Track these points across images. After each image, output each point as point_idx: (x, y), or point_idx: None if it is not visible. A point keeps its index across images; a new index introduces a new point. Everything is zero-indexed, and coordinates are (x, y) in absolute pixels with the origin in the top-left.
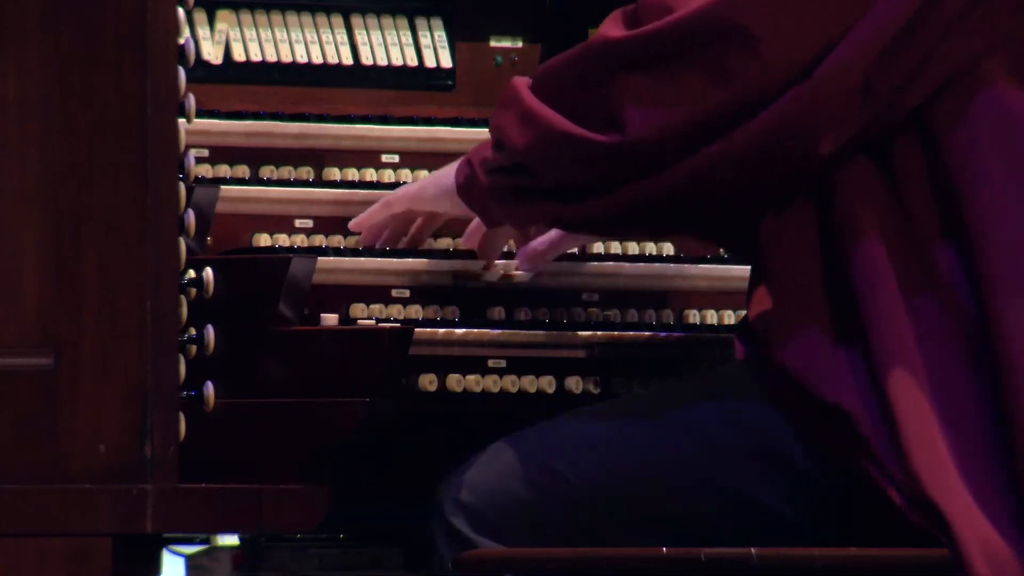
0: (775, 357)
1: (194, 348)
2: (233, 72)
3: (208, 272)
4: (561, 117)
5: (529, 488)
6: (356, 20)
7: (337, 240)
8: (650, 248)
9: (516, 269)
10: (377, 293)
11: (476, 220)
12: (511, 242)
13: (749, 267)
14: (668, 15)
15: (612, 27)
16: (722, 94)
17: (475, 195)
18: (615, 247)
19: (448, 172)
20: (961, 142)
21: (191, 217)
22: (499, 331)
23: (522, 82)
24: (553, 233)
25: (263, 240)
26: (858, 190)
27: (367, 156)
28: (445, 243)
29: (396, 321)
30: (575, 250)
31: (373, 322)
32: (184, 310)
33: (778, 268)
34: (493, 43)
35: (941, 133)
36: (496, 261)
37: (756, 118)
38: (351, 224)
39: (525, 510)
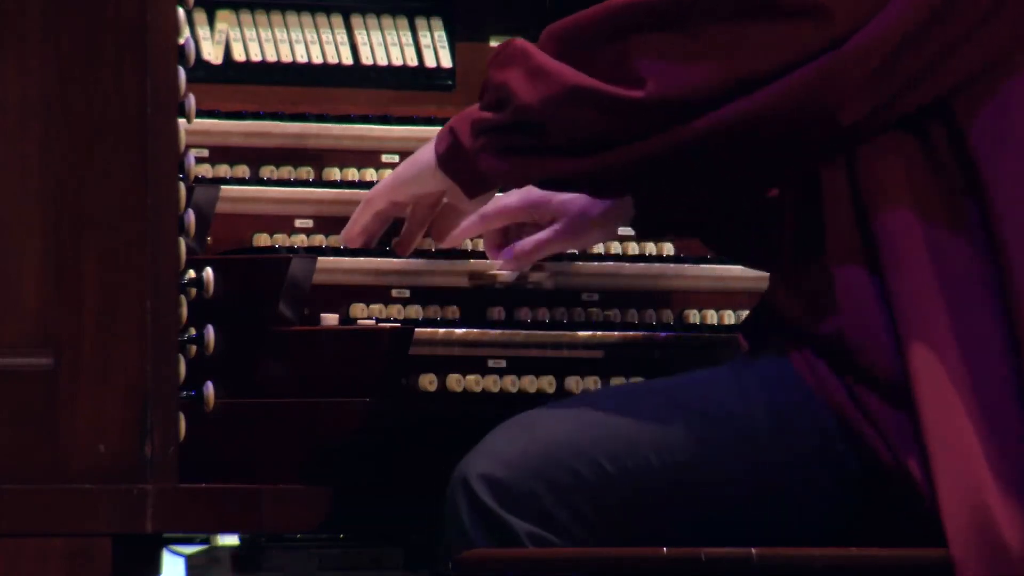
0: (826, 331)
1: (194, 348)
2: (233, 72)
3: (208, 272)
4: (577, 71)
5: (566, 474)
6: (356, 20)
7: (337, 240)
8: (650, 248)
9: (499, 269)
10: (377, 293)
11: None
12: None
13: (750, 268)
14: None
15: None
16: (754, 54)
17: (460, 163)
18: (615, 247)
19: (423, 151)
20: (987, 134)
21: (191, 217)
22: (499, 331)
23: (524, 41)
24: (543, 233)
25: (263, 240)
26: (890, 176)
27: (367, 156)
28: None
29: (396, 321)
30: (575, 250)
31: (373, 322)
32: (184, 310)
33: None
34: (493, 43)
35: (965, 124)
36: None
37: (780, 80)
38: (342, 239)
39: (559, 496)
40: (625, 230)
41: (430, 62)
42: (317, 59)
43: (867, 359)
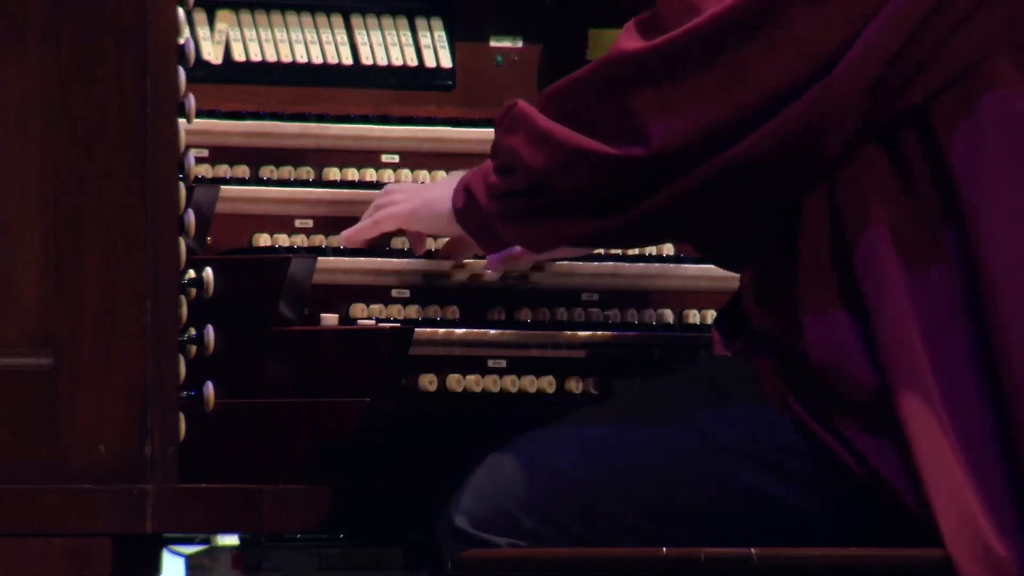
0: (798, 349)
1: (194, 348)
2: (233, 72)
3: (208, 272)
4: (578, 134)
5: (535, 489)
6: (356, 20)
7: (337, 240)
8: (650, 248)
9: (486, 268)
10: (377, 293)
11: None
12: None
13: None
14: (694, 16)
15: (628, 39)
16: (750, 93)
17: (476, 221)
18: None
19: (442, 196)
20: (963, 141)
21: (191, 217)
22: (499, 331)
23: (526, 104)
24: None
25: (263, 240)
26: (867, 189)
27: (367, 156)
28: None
29: (396, 321)
30: None
31: (373, 322)
32: (184, 310)
33: (802, 261)
34: (493, 43)
35: (942, 131)
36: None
37: (777, 117)
38: (343, 238)
39: (530, 510)
40: None
41: (430, 62)
42: (317, 59)
43: (837, 380)
